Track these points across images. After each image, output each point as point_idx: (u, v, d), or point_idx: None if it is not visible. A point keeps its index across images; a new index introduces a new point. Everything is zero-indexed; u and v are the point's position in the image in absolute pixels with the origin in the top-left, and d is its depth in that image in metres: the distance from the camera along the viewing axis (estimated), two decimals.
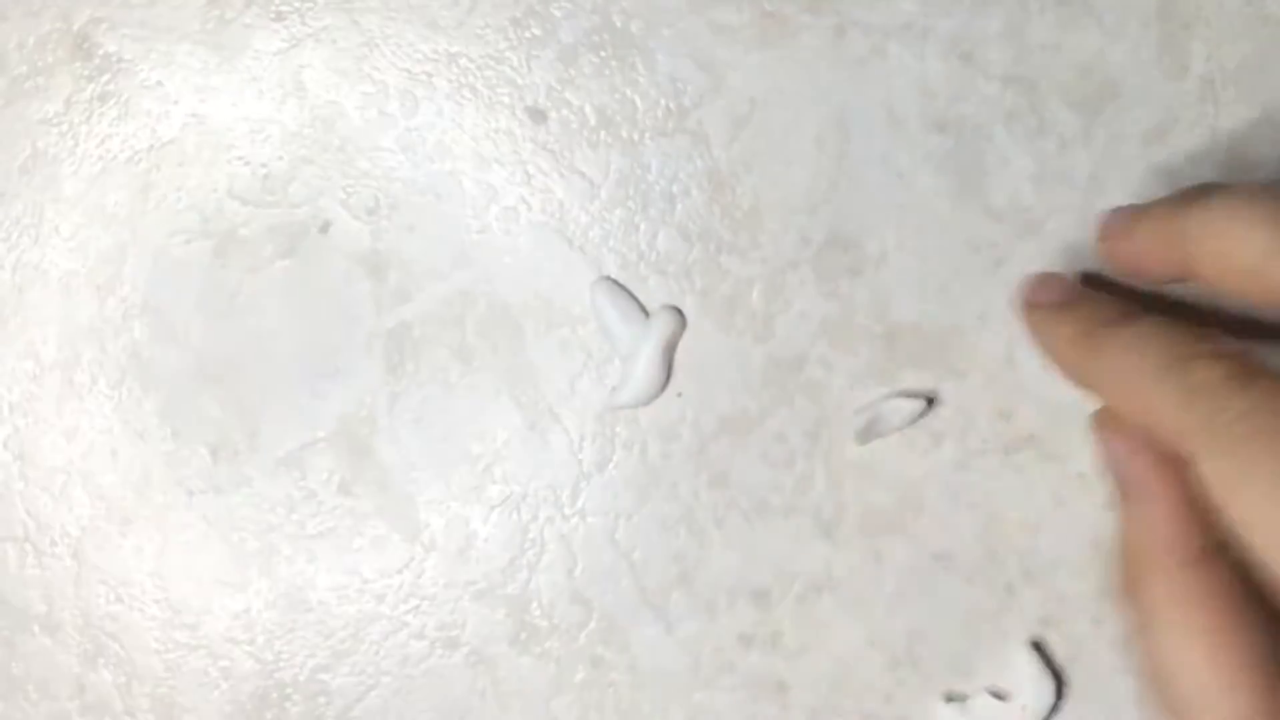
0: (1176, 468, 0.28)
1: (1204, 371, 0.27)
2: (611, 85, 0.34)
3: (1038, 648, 0.34)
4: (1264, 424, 0.26)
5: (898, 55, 0.34)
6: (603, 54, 0.34)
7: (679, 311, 0.34)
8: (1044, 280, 0.33)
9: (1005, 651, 0.34)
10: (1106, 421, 0.30)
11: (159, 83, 0.35)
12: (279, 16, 0.35)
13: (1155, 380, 0.28)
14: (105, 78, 0.35)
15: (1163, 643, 0.28)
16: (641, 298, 0.34)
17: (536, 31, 0.34)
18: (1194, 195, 0.30)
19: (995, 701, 0.34)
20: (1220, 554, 0.28)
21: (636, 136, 0.34)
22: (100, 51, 0.35)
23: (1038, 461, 0.34)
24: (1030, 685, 0.34)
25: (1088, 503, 0.34)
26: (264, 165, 0.35)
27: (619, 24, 0.34)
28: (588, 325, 0.34)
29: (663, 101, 0.34)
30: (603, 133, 0.34)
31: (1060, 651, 0.34)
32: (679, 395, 0.34)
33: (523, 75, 0.34)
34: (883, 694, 0.34)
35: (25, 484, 0.35)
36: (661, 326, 0.34)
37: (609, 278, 0.34)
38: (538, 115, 0.34)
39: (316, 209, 0.35)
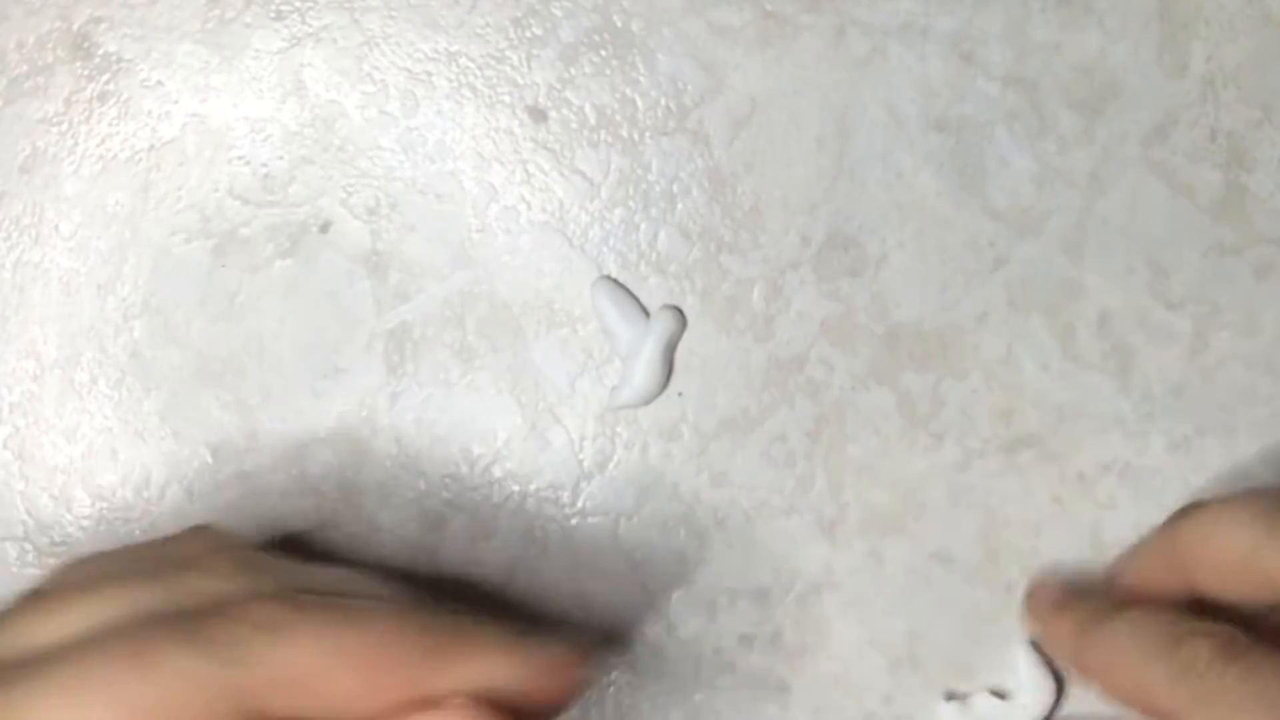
0: None
1: (1193, 648, 0.28)
2: (612, 85, 0.34)
3: (1037, 647, 0.34)
4: (1254, 691, 0.27)
5: (898, 55, 0.34)
6: (603, 53, 0.34)
7: (679, 311, 0.34)
8: (1042, 587, 0.34)
9: (1005, 651, 0.34)
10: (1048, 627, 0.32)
11: (159, 82, 0.35)
12: (279, 16, 0.34)
13: (1146, 661, 0.29)
14: (105, 77, 0.35)
15: None
16: (642, 297, 0.34)
17: (537, 31, 0.34)
18: (1180, 515, 0.31)
19: (996, 700, 0.34)
20: None
21: (637, 136, 0.34)
22: (100, 51, 0.35)
23: (1038, 461, 0.34)
24: (1030, 685, 0.34)
25: (1088, 503, 0.34)
26: (264, 165, 0.35)
27: (619, 23, 0.34)
28: (588, 325, 0.34)
29: (663, 101, 0.34)
30: (603, 132, 0.34)
31: None
32: (679, 395, 0.34)
33: (523, 75, 0.34)
34: (883, 694, 0.34)
35: (25, 484, 0.35)
36: (662, 326, 0.34)
37: (609, 277, 0.34)
38: (538, 114, 0.34)
39: (317, 209, 0.35)
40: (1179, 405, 0.34)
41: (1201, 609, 0.30)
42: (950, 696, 0.34)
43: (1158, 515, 0.34)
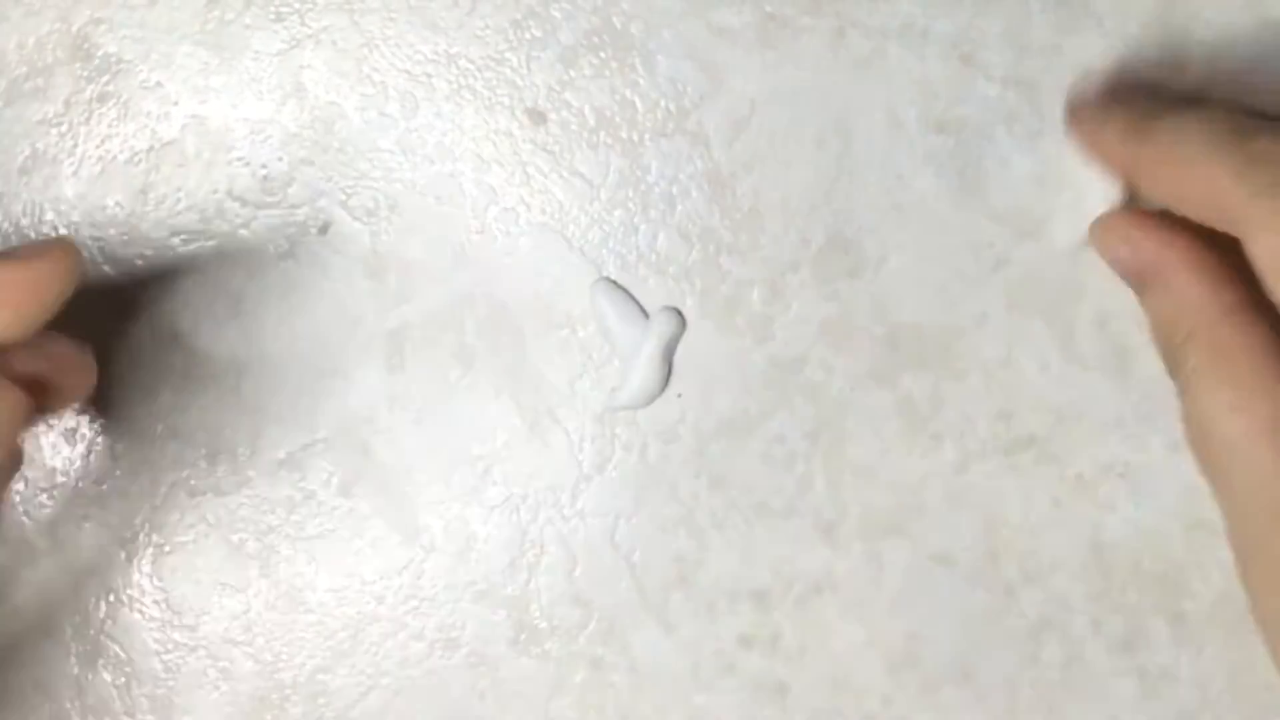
0: (1191, 241, 0.28)
1: (1265, 142, 0.26)
2: (611, 87, 0.34)
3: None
4: None
5: (898, 56, 0.34)
6: (602, 55, 0.34)
7: (679, 313, 0.34)
8: (1084, 94, 0.31)
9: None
10: (1107, 227, 0.30)
11: (159, 83, 0.35)
12: (279, 17, 0.34)
13: (1212, 150, 0.27)
14: (105, 78, 0.35)
15: (1198, 397, 0.28)
16: (641, 299, 0.34)
17: (536, 33, 0.34)
18: (1151, 114, 0.29)
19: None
20: (1256, 314, 0.27)
21: (636, 138, 0.34)
22: (100, 52, 0.35)
23: (1037, 463, 0.34)
24: (1090, 187, 0.32)
25: (1087, 504, 0.34)
26: (264, 166, 0.35)
27: (619, 25, 0.34)
28: (587, 326, 0.34)
29: (663, 103, 0.34)
30: (602, 134, 0.34)
31: (1059, 653, 0.34)
32: (679, 396, 0.34)
33: (522, 77, 0.34)
34: (882, 695, 0.34)
35: (25, 484, 0.35)
36: (661, 327, 0.34)
37: (609, 279, 0.34)
38: (537, 116, 0.34)
39: (316, 210, 0.35)
40: (1179, 406, 0.34)
41: None
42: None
43: (1157, 517, 0.34)
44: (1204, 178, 0.27)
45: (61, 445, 0.35)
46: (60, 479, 0.35)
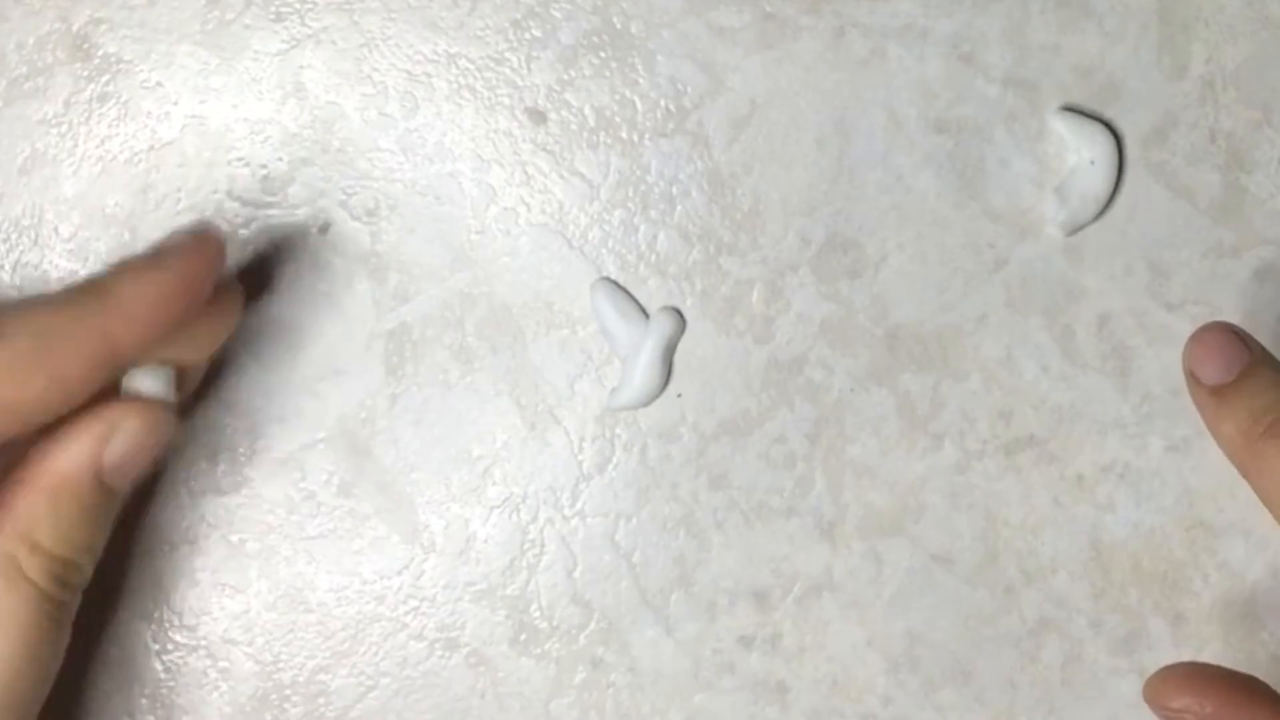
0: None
1: None
2: (611, 86, 0.34)
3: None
4: None
5: (898, 57, 0.34)
6: (602, 55, 0.34)
7: (679, 313, 0.34)
8: (1211, 347, 0.30)
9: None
10: (1160, 690, 0.29)
11: (159, 83, 0.35)
12: (279, 17, 0.34)
13: None
14: (105, 78, 0.35)
15: None
16: (641, 299, 0.34)
17: (536, 33, 0.34)
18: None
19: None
20: None
21: (636, 138, 0.34)
22: (100, 52, 0.34)
23: (1038, 463, 0.34)
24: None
25: (1087, 504, 0.34)
26: (264, 166, 0.35)
27: (619, 25, 0.34)
28: (587, 326, 0.34)
29: (662, 103, 0.34)
30: (602, 134, 0.34)
31: (1059, 653, 0.34)
32: (679, 396, 0.34)
33: (522, 76, 0.34)
34: (882, 695, 0.34)
35: None
36: (661, 327, 0.34)
37: (609, 279, 0.34)
38: (537, 116, 0.34)
39: (316, 210, 0.35)
40: (1178, 406, 0.34)
41: None
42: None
43: (1157, 517, 0.34)
44: None
45: None
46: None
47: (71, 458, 0.29)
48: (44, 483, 0.29)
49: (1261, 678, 0.29)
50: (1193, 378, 0.31)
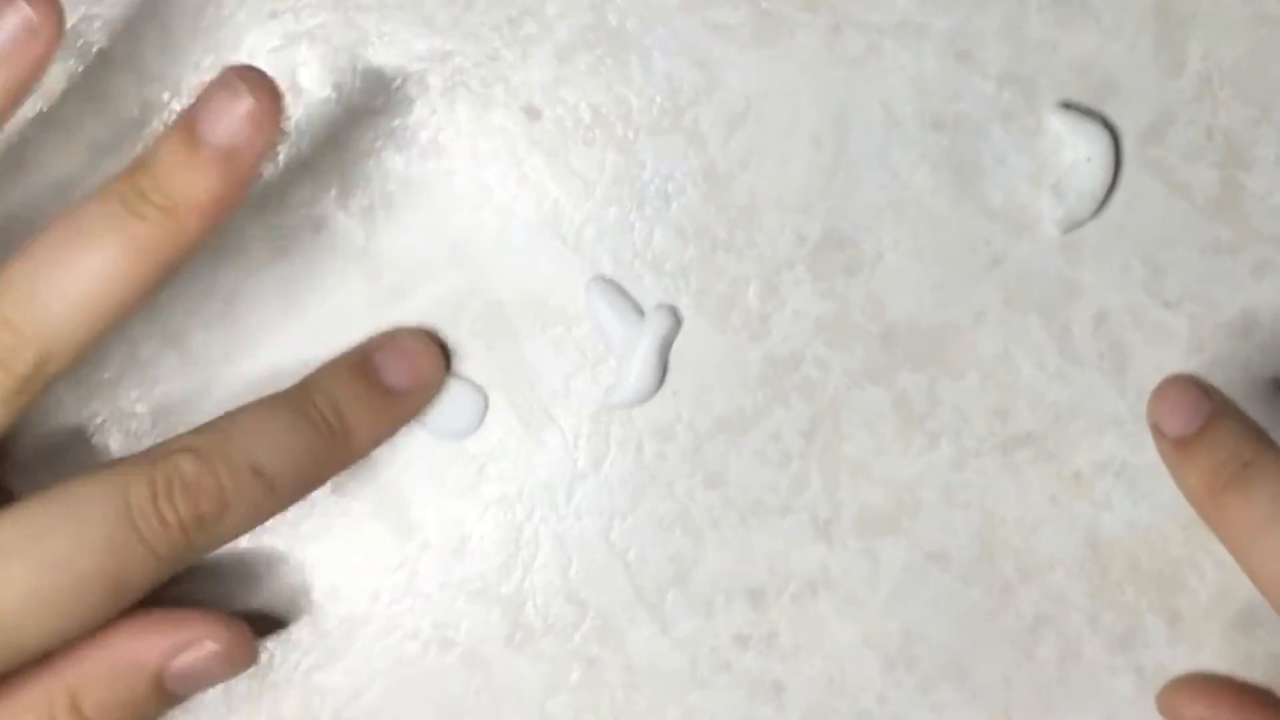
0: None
1: None
2: (607, 83, 0.34)
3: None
4: None
5: (894, 53, 0.34)
6: (598, 52, 0.34)
7: (674, 310, 0.34)
8: (1173, 400, 0.30)
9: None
10: (1174, 700, 0.30)
11: (153, 81, 0.35)
12: (273, 15, 0.34)
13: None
14: (99, 77, 0.34)
15: None
16: (636, 296, 0.34)
17: (531, 29, 0.34)
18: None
19: None
20: None
21: (631, 135, 0.34)
22: (93, 50, 0.34)
23: (1034, 461, 0.34)
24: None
25: (1084, 502, 0.34)
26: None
27: (614, 22, 0.34)
28: (582, 324, 0.34)
29: (658, 99, 0.34)
30: (597, 131, 0.34)
31: (1055, 650, 0.34)
32: (674, 394, 0.34)
33: (517, 73, 0.34)
34: (878, 694, 0.34)
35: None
36: (657, 325, 0.34)
37: (604, 276, 0.34)
38: (532, 113, 0.34)
39: (311, 208, 0.34)
40: None
41: None
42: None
43: (1154, 515, 0.34)
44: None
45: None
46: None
47: (147, 648, 0.29)
48: (113, 655, 0.29)
49: (1258, 676, 0.29)
50: (1157, 431, 0.31)
